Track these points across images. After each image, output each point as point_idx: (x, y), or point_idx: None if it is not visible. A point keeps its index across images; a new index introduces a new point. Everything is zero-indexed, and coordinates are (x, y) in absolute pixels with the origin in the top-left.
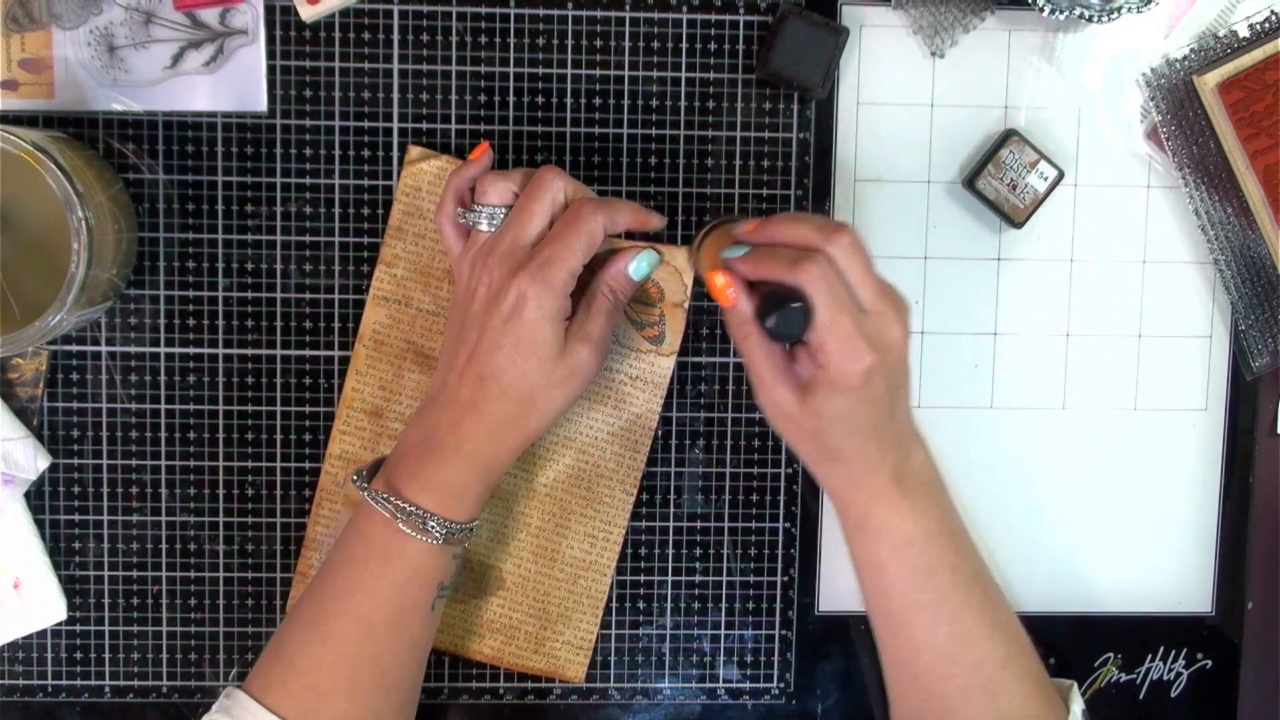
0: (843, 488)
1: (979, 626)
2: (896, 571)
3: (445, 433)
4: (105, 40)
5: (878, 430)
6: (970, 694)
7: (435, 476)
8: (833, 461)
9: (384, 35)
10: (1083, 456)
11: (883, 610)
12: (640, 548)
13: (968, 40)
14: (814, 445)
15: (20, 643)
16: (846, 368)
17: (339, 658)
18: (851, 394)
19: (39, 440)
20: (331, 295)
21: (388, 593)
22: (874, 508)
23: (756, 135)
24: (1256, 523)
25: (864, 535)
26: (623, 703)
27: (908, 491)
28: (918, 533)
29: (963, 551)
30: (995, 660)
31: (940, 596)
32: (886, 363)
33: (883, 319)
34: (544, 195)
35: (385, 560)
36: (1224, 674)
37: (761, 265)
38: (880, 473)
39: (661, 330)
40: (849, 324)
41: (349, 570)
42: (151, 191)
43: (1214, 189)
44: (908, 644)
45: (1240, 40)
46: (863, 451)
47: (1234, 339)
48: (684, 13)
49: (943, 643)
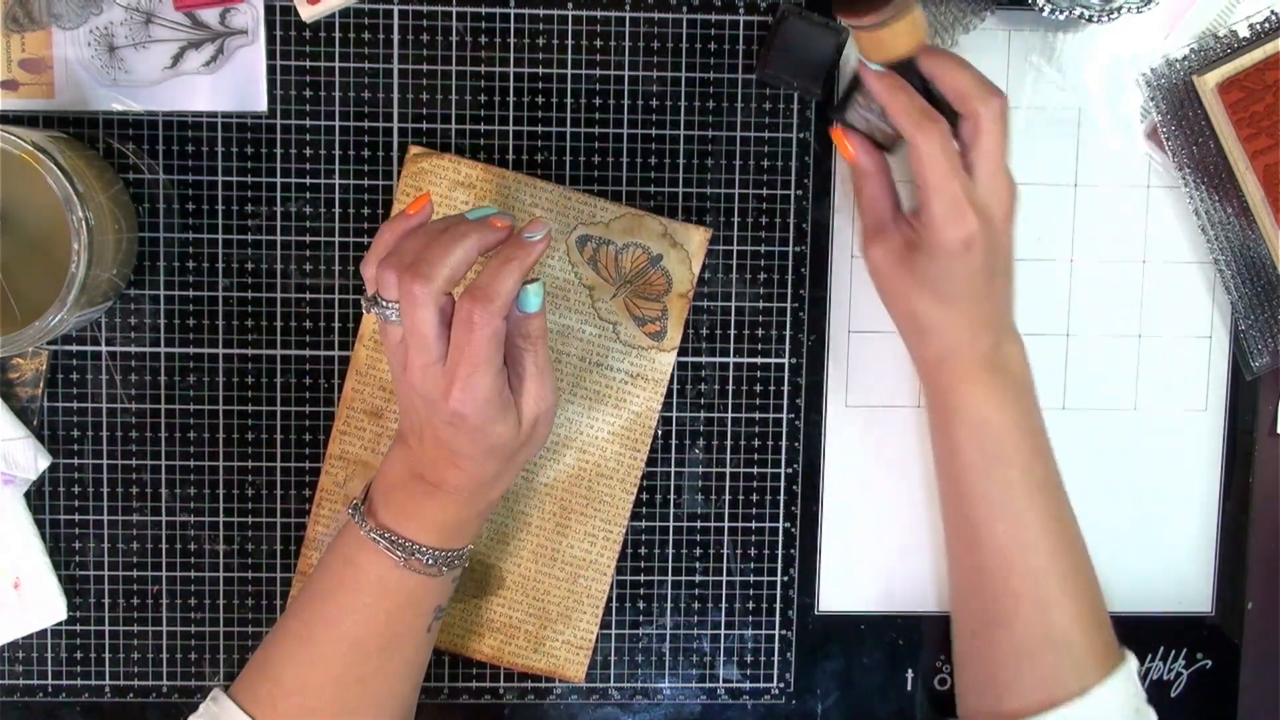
0: (930, 361)
1: (1040, 535)
2: (969, 455)
3: (432, 475)
4: (105, 40)
5: (972, 309)
6: (1022, 601)
7: (432, 517)
8: (922, 333)
9: (384, 35)
10: (1082, 456)
11: (953, 500)
12: (640, 547)
13: (968, 40)
14: (905, 310)
15: (20, 643)
16: (949, 232)
17: (328, 679)
18: (949, 260)
19: (39, 440)
20: (331, 295)
21: (381, 621)
22: (957, 386)
23: (756, 135)
24: (1256, 523)
25: (944, 414)
26: (623, 702)
27: (994, 378)
28: (996, 419)
29: (1038, 455)
30: (1053, 574)
31: (1006, 492)
32: (989, 236)
33: (994, 193)
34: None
35: (380, 591)
36: (1224, 674)
37: (894, 101)
38: (968, 353)
39: (663, 325)
40: (957, 189)
41: (339, 597)
42: (151, 191)
43: (1214, 189)
44: (970, 538)
45: (1240, 40)
46: (954, 327)
47: (1234, 339)
48: (684, 13)
49: (1002, 541)
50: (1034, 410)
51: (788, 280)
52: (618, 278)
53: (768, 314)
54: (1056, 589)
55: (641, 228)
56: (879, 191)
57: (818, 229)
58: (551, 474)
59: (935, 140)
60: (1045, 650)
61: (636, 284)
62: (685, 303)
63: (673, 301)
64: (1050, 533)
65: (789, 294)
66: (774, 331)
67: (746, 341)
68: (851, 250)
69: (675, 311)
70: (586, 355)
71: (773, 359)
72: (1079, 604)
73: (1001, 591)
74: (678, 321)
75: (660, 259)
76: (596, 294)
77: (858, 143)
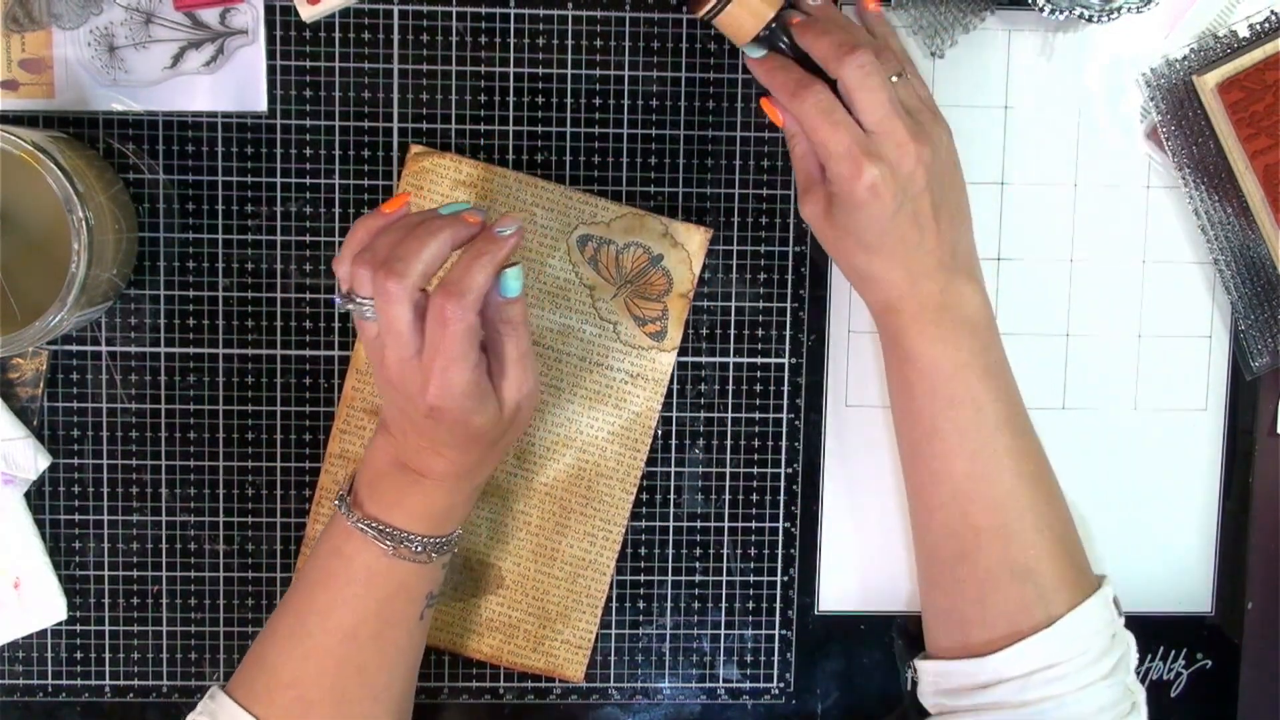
0: (877, 307)
1: (1000, 470)
2: (921, 397)
3: (416, 464)
4: (105, 40)
5: (907, 256)
6: (982, 534)
7: (419, 504)
8: (863, 282)
9: (384, 35)
10: (1082, 456)
11: (907, 436)
12: (640, 547)
13: (967, 40)
14: (845, 264)
15: (20, 643)
16: (849, 183)
17: (323, 671)
18: (861, 209)
19: (39, 440)
20: (331, 295)
21: (372, 609)
22: (905, 330)
23: (756, 135)
24: (1256, 523)
25: (895, 359)
26: (623, 702)
27: (942, 321)
28: (946, 360)
29: (995, 393)
30: (1013, 507)
31: (960, 430)
32: (896, 181)
33: (887, 135)
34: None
35: (369, 581)
36: (1224, 674)
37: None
38: (912, 299)
39: (663, 325)
40: (845, 140)
41: (329, 589)
42: (151, 191)
43: (1214, 189)
44: (927, 472)
45: (1240, 40)
46: (890, 274)
47: (1234, 339)
48: (684, 13)
49: (960, 478)
50: (991, 349)
51: (788, 280)
52: (618, 278)
53: (768, 314)
54: (1017, 521)
55: (642, 228)
56: (806, 151)
57: None
58: (551, 474)
59: (810, 103)
60: (1009, 582)
61: (637, 284)
62: (685, 303)
63: (673, 302)
64: (1009, 468)
65: (789, 294)
66: (774, 331)
67: (746, 341)
68: None
69: (675, 312)
70: (586, 355)
71: (773, 359)
72: (1042, 535)
73: (961, 527)
74: (678, 322)
75: (661, 259)
76: (597, 294)
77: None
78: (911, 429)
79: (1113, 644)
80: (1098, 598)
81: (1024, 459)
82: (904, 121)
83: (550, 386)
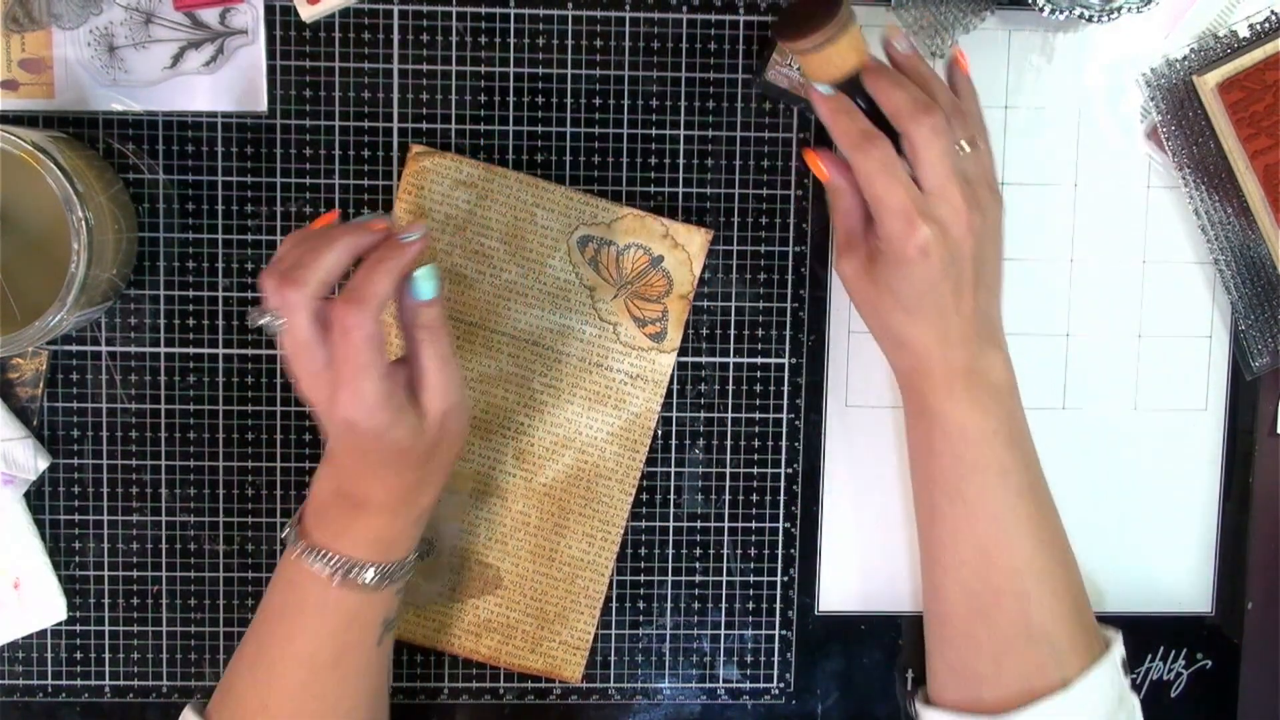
0: (905, 371)
1: (1021, 535)
2: (945, 459)
3: (356, 491)
4: (105, 40)
5: (941, 322)
6: (1002, 596)
7: (364, 532)
8: (896, 345)
9: (384, 35)
10: (1082, 456)
11: (927, 496)
12: (640, 548)
13: (968, 40)
14: (878, 323)
15: (20, 643)
16: (901, 241)
17: (286, 696)
18: (908, 268)
19: (39, 440)
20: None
21: (327, 638)
22: (933, 395)
23: (756, 135)
24: (1256, 523)
25: (920, 421)
26: (622, 703)
27: (970, 387)
28: (972, 428)
29: (1020, 459)
30: (1034, 570)
31: (984, 494)
32: (946, 245)
33: (946, 204)
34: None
35: (320, 611)
36: (1224, 674)
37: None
38: (942, 364)
39: (663, 327)
40: (902, 198)
41: (287, 618)
42: (151, 191)
43: (1214, 189)
44: (947, 531)
45: (1240, 40)
46: (924, 338)
47: (1234, 339)
48: (684, 13)
49: (981, 538)
50: (1015, 417)
51: (788, 280)
52: (618, 278)
53: (768, 314)
54: (1036, 586)
55: (643, 229)
56: (851, 207)
57: (818, 229)
58: (550, 474)
59: (872, 158)
60: (1025, 645)
61: (637, 285)
62: (685, 304)
63: (673, 303)
64: (1030, 533)
65: (789, 294)
66: (774, 331)
67: (746, 342)
68: None
69: (675, 313)
70: (586, 356)
71: (773, 359)
72: (1059, 599)
73: (980, 587)
74: (678, 323)
75: (661, 260)
76: (597, 295)
77: (831, 162)
78: (933, 490)
79: (1120, 706)
80: (1109, 661)
81: (1043, 525)
82: (961, 188)
83: (550, 387)
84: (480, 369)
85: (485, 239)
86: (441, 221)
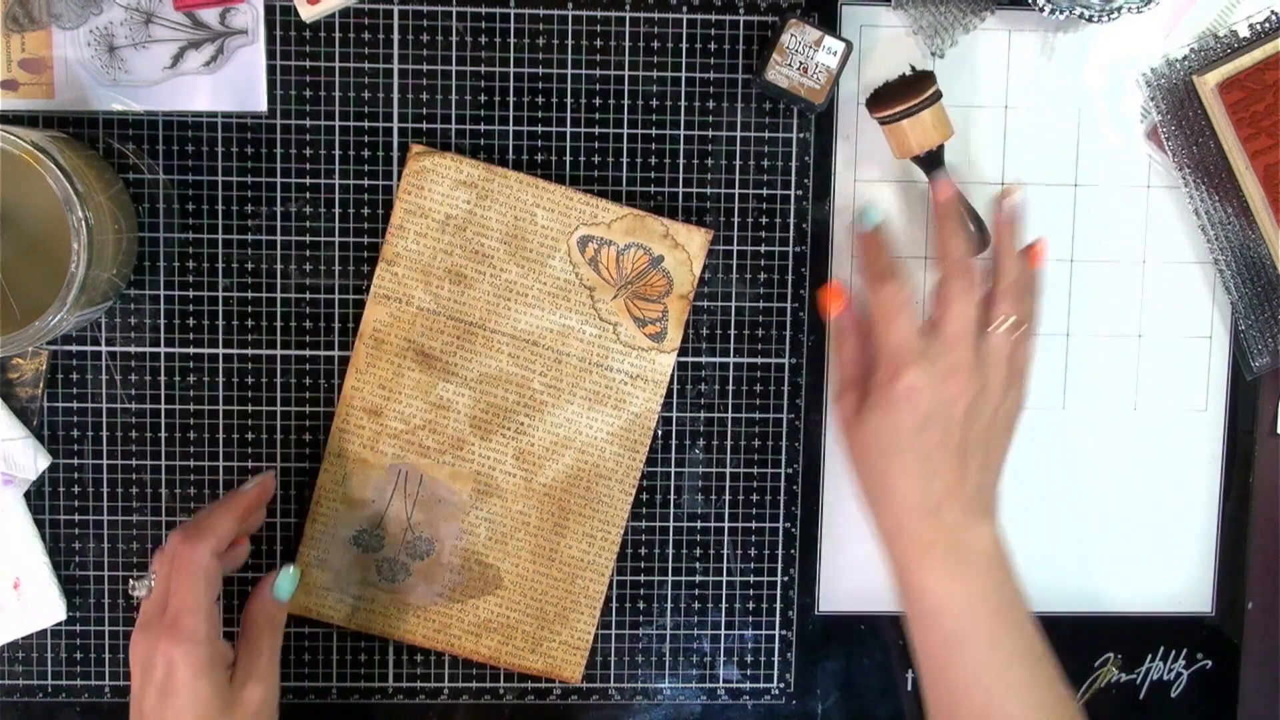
0: (887, 531)
1: (1016, 703)
2: (931, 631)
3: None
4: (105, 40)
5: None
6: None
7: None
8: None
9: (384, 35)
10: (1082, 456)
11: (922, 661)
12: (640, 548)
13: (968, 40)
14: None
15: (20, 643)
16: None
17: None
18: (890, 407)
19: (39, 440)
20: (331, 295)
21: None
22: (914, 567)
23: (756, 135)
24: (1256, 523)
25: (903, 588)
26: (623, 703)
27: (951, 559)
28: (952, 603)
29: (1007, 628)
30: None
31: (973, 667)
32: (939, 394)
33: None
34: (164, 561)
35: None
36: (1224, 674)
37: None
38: (924, 529)
39: (663, 327)
40: (900, 339)
41: None
42: (151, 191)
43: (1214, 189)
44: (946, 690)
45: (1240, 40)
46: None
47: (1234, 339)
48: (684, 13)
49: (978, 704)
50: (1002, 586)
51: (788, 280)
52: (619, 278)
53: (768, 314)
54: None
55: (643, 229)
56: (852, 353)
57: (818, 229)
58: (550, 474)
59: (888, 291)
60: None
61: (637, 285)
62: (685, 304)
63: (673, 303)
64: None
65: (789, 294)
66: (774, 331)
67: (746, 341)
68: (850, 251)
69: (675, 313)
70: (586, 356)
71: (773, 359)
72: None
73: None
74: (678, 323)
75: (661, 260)
76: (597, 295)
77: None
78: (926, 658)
79: None
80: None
81: (1037, 688)
82: (972, 354)
83: (550, 387)
84: (480, 369)
85: (485, 239)
86: (441, 221)
